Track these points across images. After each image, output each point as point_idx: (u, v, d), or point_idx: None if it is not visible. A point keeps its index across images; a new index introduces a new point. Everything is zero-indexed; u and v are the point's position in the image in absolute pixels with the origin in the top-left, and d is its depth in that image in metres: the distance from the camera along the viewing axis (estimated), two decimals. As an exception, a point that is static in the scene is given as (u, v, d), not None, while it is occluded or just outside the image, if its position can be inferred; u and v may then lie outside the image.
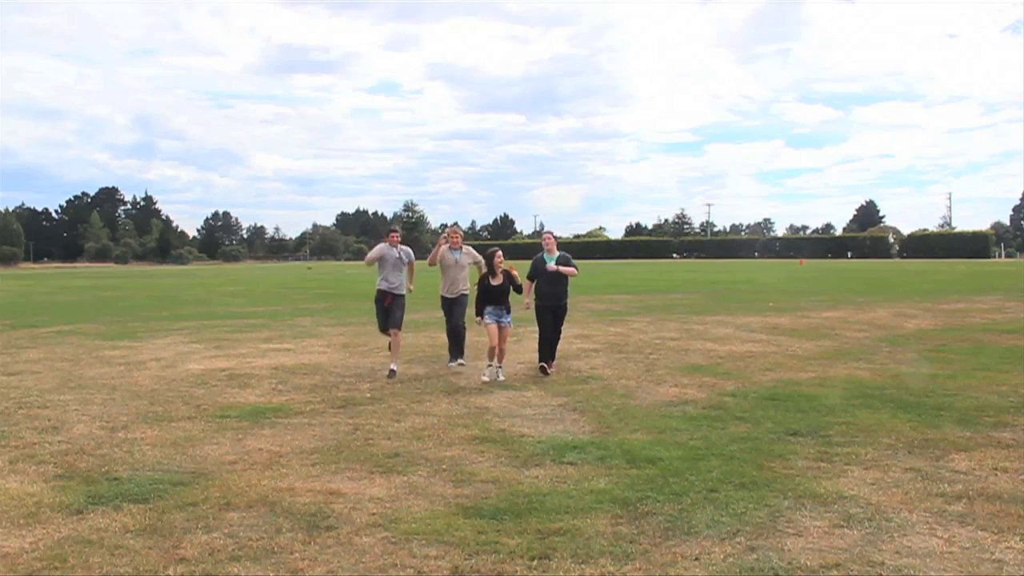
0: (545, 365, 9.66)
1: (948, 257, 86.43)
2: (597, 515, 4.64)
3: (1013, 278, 34.51)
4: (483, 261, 10.07)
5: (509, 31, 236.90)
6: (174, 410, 7.79)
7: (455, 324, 10.50)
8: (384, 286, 10.22)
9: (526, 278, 9.93)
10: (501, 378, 9.23)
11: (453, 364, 10.42)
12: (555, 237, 10.30)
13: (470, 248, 10.79)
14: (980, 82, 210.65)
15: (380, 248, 10.30)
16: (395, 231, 10.63)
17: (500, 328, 9.39)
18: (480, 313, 9.50)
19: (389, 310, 10.10)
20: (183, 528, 4.52)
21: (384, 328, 10.30)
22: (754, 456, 5.85)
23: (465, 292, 10.54)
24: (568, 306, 10.22)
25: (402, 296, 10.25)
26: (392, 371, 9.80)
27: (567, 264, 10.05)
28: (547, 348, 9.80)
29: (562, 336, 10.21)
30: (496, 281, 9.50)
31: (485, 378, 9.19)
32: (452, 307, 10.54)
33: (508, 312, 9.59)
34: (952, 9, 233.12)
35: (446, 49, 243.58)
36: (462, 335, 10.54)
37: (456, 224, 9.77)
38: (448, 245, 10.48)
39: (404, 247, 10.40)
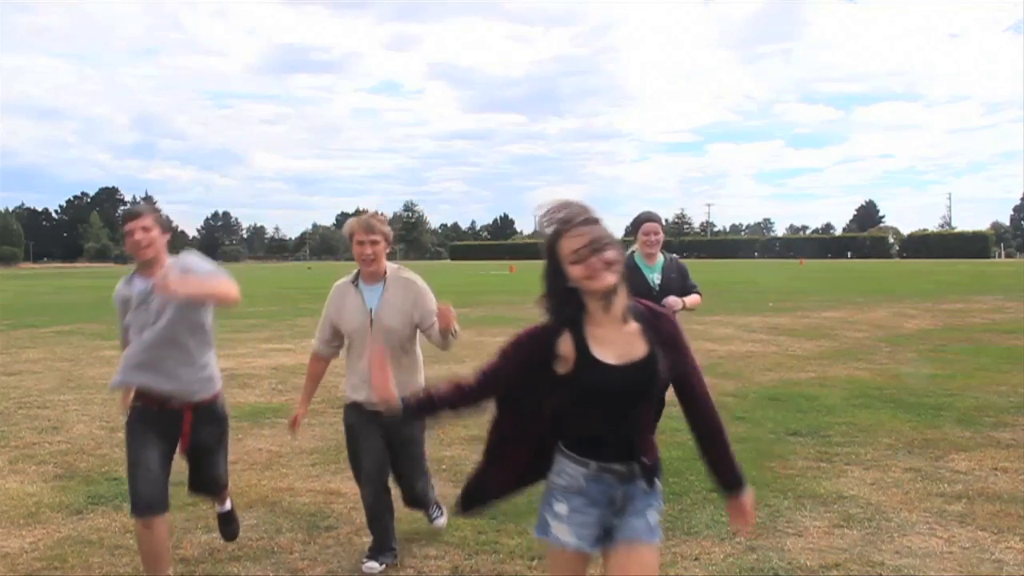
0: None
1: (948, 257, 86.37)
2: (597, 515, 4.63)
3: (1013, 278, 34.49)
4: (440, 332, 3.75)
5: (510, 31, 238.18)
6: (174, 410, 7.79)
7: (411, 495, 4.11)
8: (139, 391, 3.62)
9: None
10: None
11: (375, 564, 3.84)
12: (663, 227, 5.65)
13: (412, 279, 3.91)
14: (981, 82, 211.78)
15: (117, 291, 3.64)
16: (136, 218, 3.45)
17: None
18: (520, 482, 2.60)
19: (192, 454, 3.77)
20: (183, 528, 4.52)
21: (147, 504, 3.63)
22: (754, 456, 5.84)
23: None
24: None
25: (216, 411, 3.77)
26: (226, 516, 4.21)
27: (685, 283, 5.53)
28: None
29: None
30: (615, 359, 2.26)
31: None
32: (380, 441, 3.88)
33: (655, 497, 2.45)
34: (953, 9, 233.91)
35: (447, 49, 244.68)
36: (422, 501, 4.20)
37: (378, 213, 3.80)
38: (355, 273, 3.97)
39: (190, 259, 3.50)
